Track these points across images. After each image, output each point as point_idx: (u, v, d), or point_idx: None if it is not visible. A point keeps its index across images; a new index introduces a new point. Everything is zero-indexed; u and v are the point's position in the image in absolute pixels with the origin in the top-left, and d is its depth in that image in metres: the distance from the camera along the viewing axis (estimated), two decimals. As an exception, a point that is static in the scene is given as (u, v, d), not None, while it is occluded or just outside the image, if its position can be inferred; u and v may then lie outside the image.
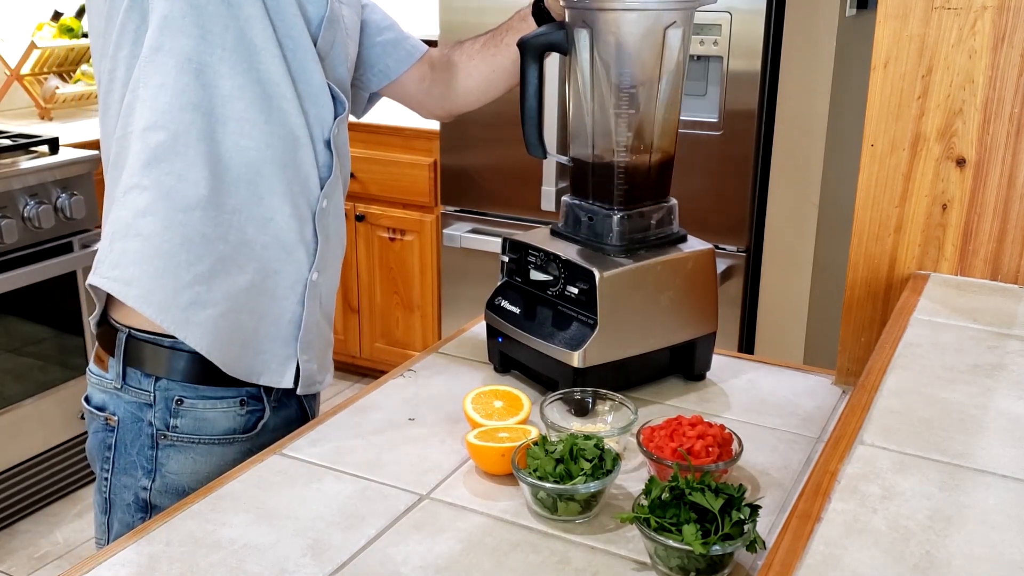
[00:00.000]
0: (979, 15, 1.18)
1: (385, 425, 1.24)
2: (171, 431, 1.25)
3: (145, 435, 1.26)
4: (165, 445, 1.26)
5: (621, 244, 1.28)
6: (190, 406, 1.25)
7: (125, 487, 1.28)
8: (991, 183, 1.22)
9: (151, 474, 1.26)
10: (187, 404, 1.25)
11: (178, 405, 1.25)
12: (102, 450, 1.29)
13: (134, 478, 1.27)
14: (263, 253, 1.25)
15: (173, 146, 1.17)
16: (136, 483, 1.27)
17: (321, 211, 1.29)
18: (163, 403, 1.25)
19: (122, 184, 1.20)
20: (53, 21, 3.36)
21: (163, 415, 1.25)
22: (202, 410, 1.26)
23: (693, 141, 2.55)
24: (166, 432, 1.25)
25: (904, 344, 1.07)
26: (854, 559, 0.72)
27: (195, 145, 1.18)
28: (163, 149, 1.17)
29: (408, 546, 0.99)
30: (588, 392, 1.21)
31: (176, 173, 1.18)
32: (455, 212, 3.04)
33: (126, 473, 1.27)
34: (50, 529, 2.73)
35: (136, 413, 1.26)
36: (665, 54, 1.25)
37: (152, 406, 1.25)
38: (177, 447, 1.26)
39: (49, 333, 2.79)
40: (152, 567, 0.96)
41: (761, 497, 1.08)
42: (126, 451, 1.27)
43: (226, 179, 1.20)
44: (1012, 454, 0.86)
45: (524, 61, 1.31)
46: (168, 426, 1.25)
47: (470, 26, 2.83)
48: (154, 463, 1.26)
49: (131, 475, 1.27)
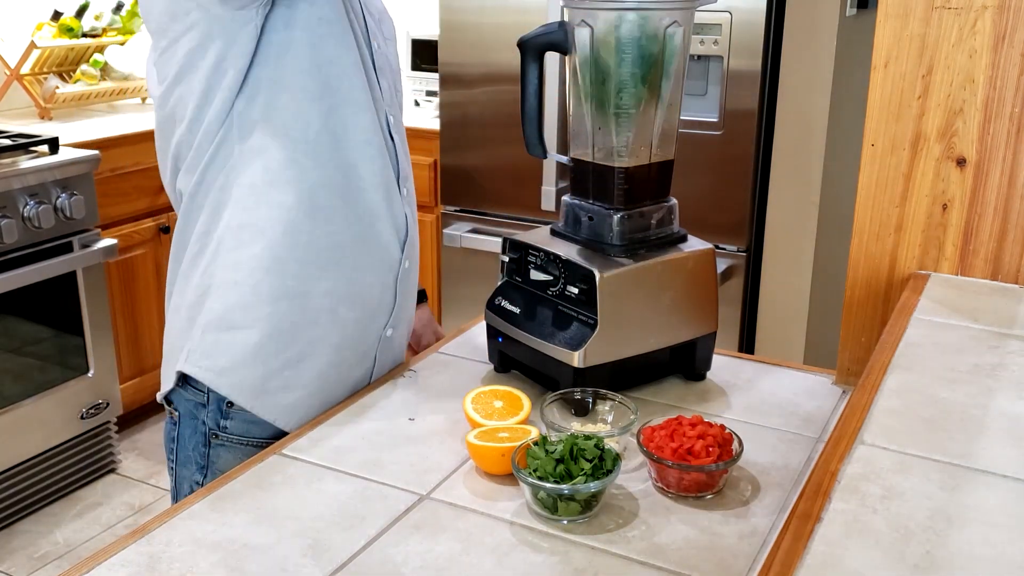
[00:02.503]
0: (979, 15, 1.18)
1: (385, 425, 1.24)
2: (222, 432, 1.28)
3: (200, 432, 1.29)
4: (216, 444, 1.29)
5: (621, 244, 1.28)
6: (239, 409, 1.28)
7: (184, 478, 1.33)
8: (991, 183, 1.22)
9: (204, 470, 1.30)
10: (237, 407, 1.28)
11: (228, 408, 1.28)
12: (168, 441, 1.34)
13: (190, 471, 1.31)
14: (351, 327, 1.30)
15: (261, 242, 1.22)
16: (191, 476, 1.31)
17: (403, 272, 1.35)
18: (215, 404, 1.28)
19: (217, 279, 1.24)
20: (53, 21, 3.36)
21: (215, 416, 1.28)
22: (251, 414, 1.28)
23: (693, 141, 2.55)
24: (217, 432, 1.28)
25: (905, 344, 1.07)
26: (854, 559, 0.72)
27: (282, 241, 1.22)
28: (252, 246, 1.22)
29: (408, 546, 0.99)
30: (588, 392, 1.21)
31: (264, 268, 1.23)
32: (455, 212, 3.04)
33: (184, 466, 1.32)
34: (50, 529, 2.73)
35: (193, 411, 1.29)
36: (665, 54, 1.25)
37: (206, 406, 1.28)
38: (227, 447, 1.28)
39: (49, 333, 2.79)
40: (152, 567, 0.96)
41: (760, 497, 1.08)
42: (185, 445, 1.31)
43: (313, 267, 1.25)
44: (1013, 454, 0.86)
45: (524, 61, 1.31)
46: (219, 426, 1.28)
47: (470, 26, 2.83)
48: (206, 460, 1.29)
49: (188, 468, 1.31)
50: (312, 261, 1.25)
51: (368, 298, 1.31)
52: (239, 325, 1.24)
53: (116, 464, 3.03)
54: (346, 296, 1.28)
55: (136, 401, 3.11)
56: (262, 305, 1.24)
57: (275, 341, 1.25)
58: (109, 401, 2.95)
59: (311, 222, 1.24)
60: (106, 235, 2.85)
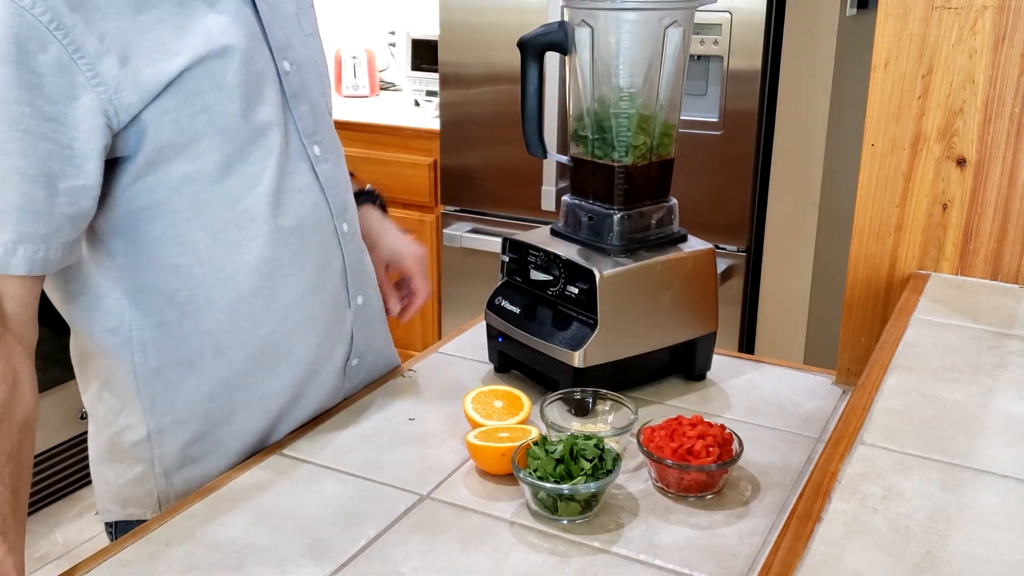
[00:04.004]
0: (979, 14, 1.18)
1: (385, 425, 1.24)
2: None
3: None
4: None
5: (621, 244, 1.28)
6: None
7: None
8: (991, 183, 1.22)
9: None
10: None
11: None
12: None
13: None
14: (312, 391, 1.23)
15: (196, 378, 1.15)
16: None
17: (358, 310, 1.27)
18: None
19: (150, 425, 1.17)
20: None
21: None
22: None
23: (693, 141, 2.55)
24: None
25: (904, 344, 1.07)
26: (854, 559, 0.72)
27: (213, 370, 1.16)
28: (182, 385, 1.15)
29: (408, 546, 0.99)
30: (588, 392, 1.21)
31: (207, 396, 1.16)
32: (455, 212, 3.04)
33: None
34: (50, 529, 2.73)
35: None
36: (665, 54, 1.25)
37: None
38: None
39: (49, 333, 2.77)
40: (152, 567, 0.96)
41: (760, 497, 1.08)
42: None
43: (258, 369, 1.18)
44: (1012, 454, 0.86)
45: (524, 61, 1.31)
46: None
47: (470, 26, 2.83)
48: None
49: None
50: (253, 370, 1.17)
51: (326, 363, 1.24)
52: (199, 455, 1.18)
53: (116, 464, 3.03)
54: (301, 375, 1.21)
55: (136, 401, 3.11)
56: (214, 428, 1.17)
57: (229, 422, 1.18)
58: (109, 401, 2.94)
59: (238, 337, 1.15)
60: (106, 235, 2.85)
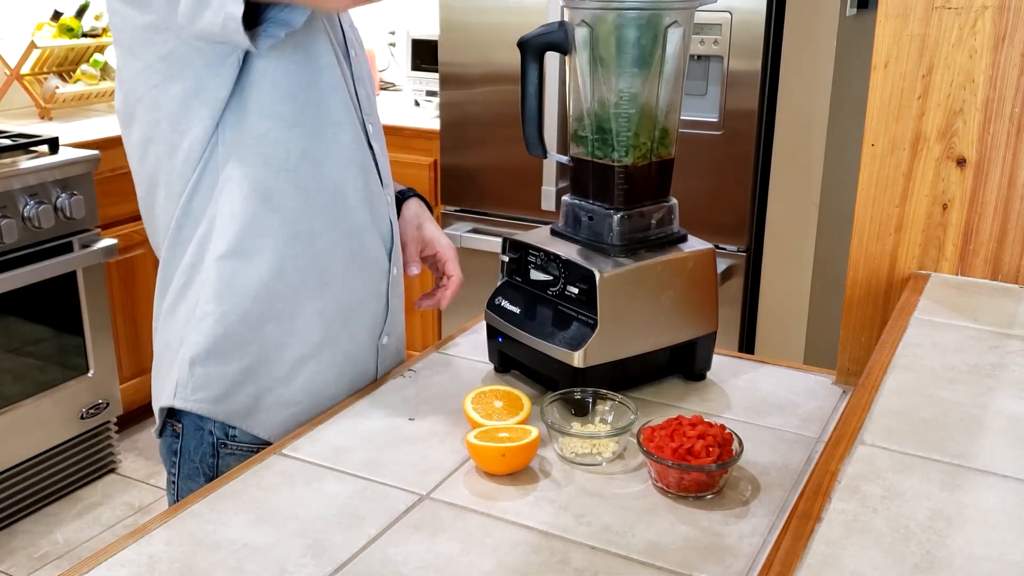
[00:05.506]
0: (979, 15, 1.18)
1: (385, 425, 1.24)
2: (231, 440, 1.27)
3: (207, 443, 1.27)
4: (226, 454, 1.27)
5: (621, 244, 1.28)
6: None
7: (190, 491, 1.29)
8: (991, 183, 1.22)
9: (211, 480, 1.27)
10: None
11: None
12: (169, 455, 1.31)
13: (197, 483, 1.28)
14: (344, 343, 1.30)
15: (247, 271, 1.21)
16: (198, 487, 1.28)
17: (393, 280, 1.36)
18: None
19: (201, 311, 1.22)
20: (53, 21, 3.36)
21: (223, 425, 1.27)
22: None
23: (693, 141, 2.55)
24: (226, 441, 1.27)
25: (904, 344, 1.07)
26: (854, 559, 0.72)
27: (268, 268, 1.22)
28: (238, 275, 1.21)
29: (408, 546, 0.99)
30: (588, 392, 1.21)
31: (252, 296, 1.22)
32: (455, 212, 3.04)
33: (190, 478, 1.30)
34: (50, 529, 2.73)
35: (198, 422, 1.27)
36: (665, 54, 1.25)
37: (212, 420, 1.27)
38: (237, 455, 1.27)
39: (49, 333, 2.79)
40: (152, 567, 0.96)
41: (760, 497, 1.08)
42: (190, 457, 1.29)
43: (302, 290, 1.25)
44: (1012, 454, 0.86)
45: (524, 61, 1.31)
46: (228, 436, 1.27)
47: (470, 26, 2.83)
48: (215, 470, 1.28)
49: (195, 480, 1.29)
50: (301, 285, 1.24)
51: (360, 312, 1.31)
52: (227, 355, 1.23)
53: (116, 464, 3.03)
54: (337, 314, 1.28)
55: (136, 401, 3.11)
56: (250, 333, 1.23)
57: (264, 363, 1.25)
58: (109, 401, 2.95)
59: (297, 247, 1.23)
60: (106, 235, 2.85)
